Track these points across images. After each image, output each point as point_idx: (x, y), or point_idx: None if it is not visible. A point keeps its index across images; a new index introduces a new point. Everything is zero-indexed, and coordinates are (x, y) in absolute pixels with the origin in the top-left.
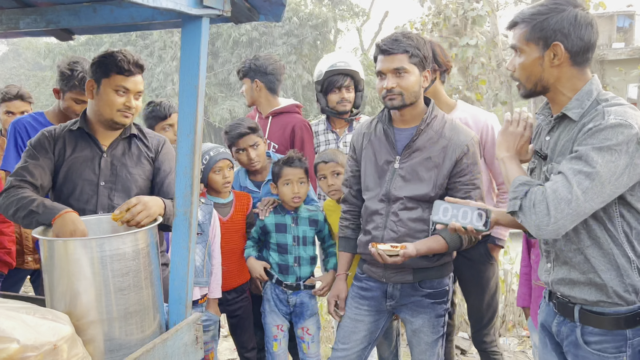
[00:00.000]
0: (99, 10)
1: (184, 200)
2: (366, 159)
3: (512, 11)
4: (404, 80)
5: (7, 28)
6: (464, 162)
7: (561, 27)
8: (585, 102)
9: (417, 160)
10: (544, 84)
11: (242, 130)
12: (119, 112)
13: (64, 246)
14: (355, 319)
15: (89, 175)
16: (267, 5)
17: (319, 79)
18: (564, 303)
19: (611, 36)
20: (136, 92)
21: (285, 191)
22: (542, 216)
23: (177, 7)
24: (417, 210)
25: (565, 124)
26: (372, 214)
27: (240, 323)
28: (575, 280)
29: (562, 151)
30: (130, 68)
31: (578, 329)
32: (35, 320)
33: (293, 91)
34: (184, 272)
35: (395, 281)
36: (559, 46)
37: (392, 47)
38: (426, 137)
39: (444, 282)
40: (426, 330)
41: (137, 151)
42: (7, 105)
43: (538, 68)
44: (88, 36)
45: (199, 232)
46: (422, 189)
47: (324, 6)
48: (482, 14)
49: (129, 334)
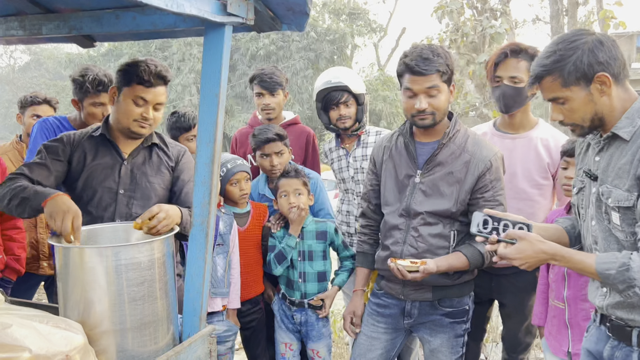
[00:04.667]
0: (122, 16)
1: (201, 210)
2: (386, 173)
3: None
4: (436, 100)
5: (29, 34)
6: (486, 177)
7: (595, 57)
8: (636, 120)
9: (439, 175)
10: (600, 116)
11: (270, 135)
12: (135, 122)
13: (79, 254)
14: (371, 337)
15: (109, 182)
16: (291, 14)
17: (317, 97)
18: (620, 326)
19: (631, 56)
20: (155, 103)
21: (282, 203)
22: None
23: (201, 13)
24: (438, 225)
25: (617, 144)
26: (391, 229)
27: (253, 336)
28: (635, 303)
29: (619, 174)
30: (150, 79)
31: (635, 353)
32: (48, 329)
33: (309, 105)
34: (199, 283)
35: (414, 299)
36: (603, 75)
37: (425, 68)
38: (448, 151)
39: (464, 301)
40: (445, 350)
41: (157, 160)
42: (35, 109)
43: (591, 105)
44: (108, 47)
45: (220, 242)
46: (443, 204)
47: (341, 21)
48: (501, 31)
49: (142, 346)
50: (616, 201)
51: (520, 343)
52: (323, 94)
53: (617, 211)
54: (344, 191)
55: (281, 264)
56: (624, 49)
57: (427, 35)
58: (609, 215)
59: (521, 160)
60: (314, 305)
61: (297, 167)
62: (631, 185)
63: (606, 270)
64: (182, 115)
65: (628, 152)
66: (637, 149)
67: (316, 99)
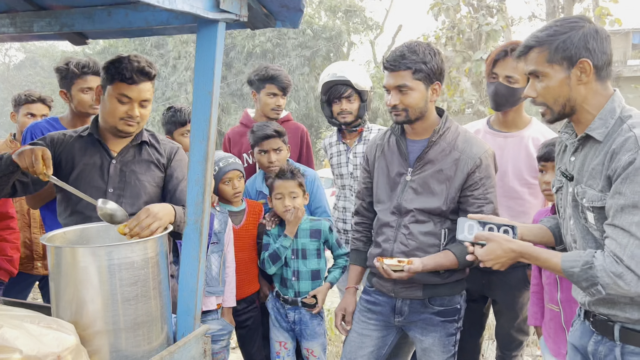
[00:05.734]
0: (114, 13)
1: (195, 209)
2: (379, 171)
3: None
4: (407, 97)
5: (21, 31)
6: (476, 175)
7: (585, 43)
8: (609, 121)
9: (429, 173)
10: (572, 104)
11: (269, 132)
12: (121, 120)
13: (72, 253)
14: (362, 334)
15: (97, 182)
16: (285, 11)
17: (322, 89)
18: (602, 321)
19: (626, 53)
20: (141, 100)
21: (276, 205)
22: (635, 284)
23: (194, 10)
24: (429, 223)
25: (590, 144)
26: (382, 226)
27: (249, 334)
28: (615, 300)
29: (593, 175)
30: (133, 76)
31: (618, 348)
32: (39, 329)
33: (306, 102)
34: (193, 282)
35: (405, 296)
36: (586, 62)
37: (395, 64)
38: (438, 149)
39: (455, 299)
40: (436, 349)
41: (147, 158)
42: (29, 107)
43: (566, 88)
44: (104, 45)
45: (215, 241)
46: (433, 202)
47: (337, 19)
48: (497, 29)
49: (136, 346)
50: (590, 201)
51: (513, 340)
52: (327, 86)
53: (592, 211)
54: (341, 187)
55: (275, 264)
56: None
57: (423, 33)
58: (585, 214)
59: (512, 159)
60: (307, 303)
61: (293, 168)
62: (604, 186)
63: (570, 268)
64: (177, 110)
65: (601, 152)
66: (608, 149)
67: (321, 91)
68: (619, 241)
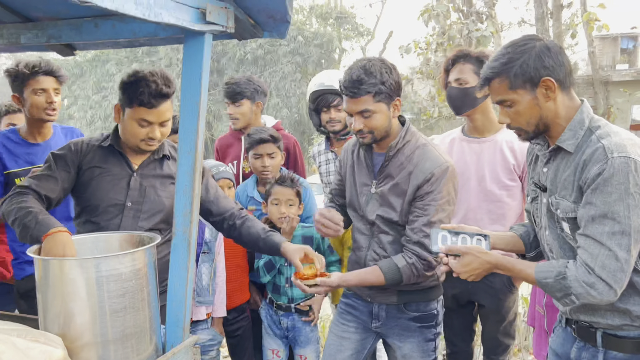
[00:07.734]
0: (101, 25)
1: (183, 219)
2: (350, 179)
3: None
4: (371, 120)
5: (8, 43)
6: (423, 188)
7: (541, 62)
8: (578, 132)
9: (388, 187)
10: (545, 121)
11: (264, 136)
12: (142, 141)
13: (59, 266)
14: (341, 337)
15: (116, 194)
16: (272, 22)
17: (310, 98)
18: (584, 328)
19: (615, 57)
20: (161, 122)
21: (272, 210)
22: (606, 293)
23: (180, 22)
24: (392, 233)
25: (562, 155)
26: (357, 233)
27: (240, 344)
28: (596, 307)
29: (565, 186)
30: (151, 100)
31: (601, 353)
32: (26, 343)
33: (297, 109)
34: (182, 293)
35: (380, 301)
36: (549, 80)
37: (355, 91)
38: (397, 162)
39: (431, 305)
40: (416, 355)
41: (167, 172)
42: (11, 118)
43: (536, 109)
44: (94, 53)
45: (206, 250)
46: (392, 215)
47: (329, 25)
48: (487, 35)
49: (125, 357)
50: (564, 212)
51: (499, 344)
52: (315, 95)
53: (567, 221)
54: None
55: (270, 273)
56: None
57: (414, 39)
58: (561, 224)
59: (488, 163)
60: (301, 310)
61: (293, 176)
62: (576, 197)
63: (544, 279)
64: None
65: (572, 163)
66: (579, 160)
67: (309, 99)
68: (590, 251)
